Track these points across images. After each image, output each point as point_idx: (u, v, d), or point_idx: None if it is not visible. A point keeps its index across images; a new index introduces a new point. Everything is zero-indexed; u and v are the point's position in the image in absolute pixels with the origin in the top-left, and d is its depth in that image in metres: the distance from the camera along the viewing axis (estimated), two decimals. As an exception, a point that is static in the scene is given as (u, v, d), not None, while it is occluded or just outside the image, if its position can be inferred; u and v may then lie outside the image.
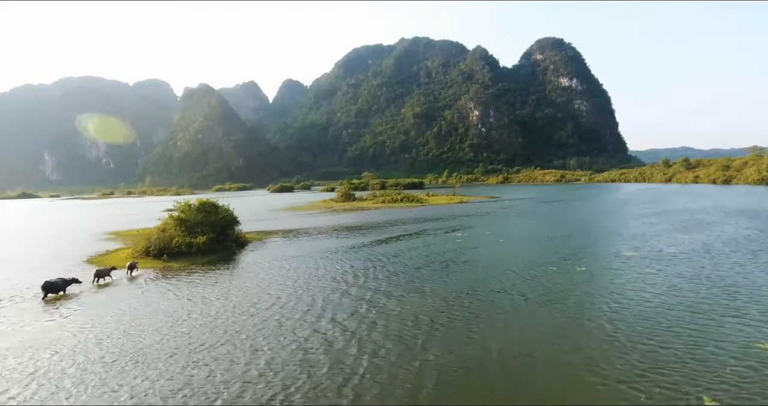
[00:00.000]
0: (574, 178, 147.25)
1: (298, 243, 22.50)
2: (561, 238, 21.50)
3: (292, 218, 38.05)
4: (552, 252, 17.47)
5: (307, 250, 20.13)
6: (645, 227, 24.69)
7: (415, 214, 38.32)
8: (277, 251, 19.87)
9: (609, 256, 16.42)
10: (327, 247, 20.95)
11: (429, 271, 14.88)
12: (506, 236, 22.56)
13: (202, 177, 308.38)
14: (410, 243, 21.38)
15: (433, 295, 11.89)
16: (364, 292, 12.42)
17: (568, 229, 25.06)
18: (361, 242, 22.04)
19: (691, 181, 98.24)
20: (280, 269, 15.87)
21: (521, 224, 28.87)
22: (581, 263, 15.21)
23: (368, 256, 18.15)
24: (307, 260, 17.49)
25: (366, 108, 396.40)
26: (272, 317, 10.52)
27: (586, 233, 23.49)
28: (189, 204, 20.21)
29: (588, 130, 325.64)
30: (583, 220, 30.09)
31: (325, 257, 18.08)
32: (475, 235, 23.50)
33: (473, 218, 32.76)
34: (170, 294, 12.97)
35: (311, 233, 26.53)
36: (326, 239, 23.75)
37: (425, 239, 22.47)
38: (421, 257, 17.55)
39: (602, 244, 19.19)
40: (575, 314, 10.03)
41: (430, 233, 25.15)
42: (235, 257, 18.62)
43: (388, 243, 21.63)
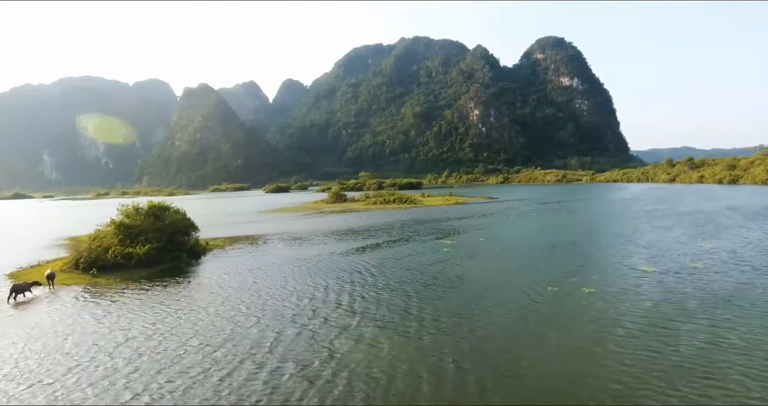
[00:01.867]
0: (576, 178, 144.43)
1: (266, 251, 19.87)
2: (564, 246, 18.83)
3: (275, 221, 35.44)
4: (554, 265, 14.76)
5: (273, 260, 17.50)
6: (659, 232, 21.99)
7: (406, 216, 35.67)
8: (238, 262, 17.23)
9: (622, 271, 13.70)
10: (299, 256, 18.33)
11: (408, 292, 12.25)
12: (502, 244, 19.88)
13: (200, 177, 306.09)
14: (393, 252, 18.74)
15: (411, 330, 9.25)
16: (331, 324, 9.73)
17: (572, 235, 22.38)
18: (338, 250, 19.41)
19: (695, 181, 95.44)
20: (232, 288, 13.23)
21: (519, 228, 26.18)
22: (589, 282, 12.51)
23: (343, 268, 15.52)
24: (269, 274, 14.86)
25: (366, 108, 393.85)
26: (202, 365, 7.74)
27: (592, 239, 20.82)
28: (137, 207, 17.54)
29: (589, 129, 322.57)
30: (588, 224, 27.40)
31: (293, 270, 15.45)
32: (466, 242, 20.83)
33: (467, 221, 30.09)
34: (74, 326, 10.28)
35: (286, 239, 23.90)
36: (300, 246, 21.12)
37: (411, 247, 19.83)
38: (402, 270, 14.91)
39: (612, 254, 16.47)
40: (585, 369, 7.25)
41: (417, 239, 22.51)
42: (184, 271, 15.97)
43: (368, 252, 19.00)
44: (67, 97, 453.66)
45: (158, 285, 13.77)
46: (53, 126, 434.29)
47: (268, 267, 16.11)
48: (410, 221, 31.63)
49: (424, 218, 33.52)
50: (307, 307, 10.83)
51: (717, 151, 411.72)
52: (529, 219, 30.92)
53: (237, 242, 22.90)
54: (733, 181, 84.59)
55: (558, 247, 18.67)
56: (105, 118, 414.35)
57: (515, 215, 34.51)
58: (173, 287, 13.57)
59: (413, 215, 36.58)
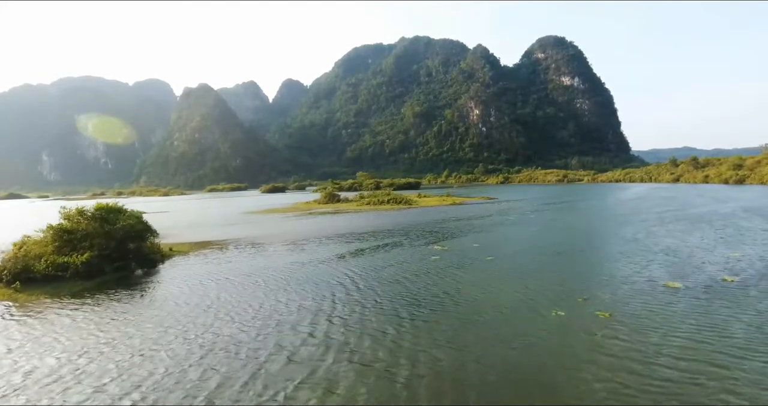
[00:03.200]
0: (577, 178, 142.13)
1: (235, 258, 17.67)
2: (569, 254, 16.59)
3: (259, 223, 33.25)
4: (558, 279, 12.51)
5: (241, 270, 15.32)
6: (675, 236, 19.73)
7: (398, 218, 33.46)
8: (198, 272, 15.04)
9: (641, 287, 11.39)
10: (270, 264, 16.14)
11: (390, 315, 10.05)
12: (497, 251, 17.64)
13: (198, 177, 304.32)
14: (376, 260, 16.55)
15: (397, 372, 7.02)
16: (295, 363, 7.42)
17: (578, 240, 20.13)
18: (314, 258, 17.22)
19: (700, 181, 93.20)
20: (182, 307, 11.04)
21: (518, 232, 23.91)
22: (602, 302, 10.24)
23: (318, 281, 13.34)
24: (231, 289, 12.70)
25: (365, 108, 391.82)
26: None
27: (601, 246, 18.54)
28: (81, 210, 15.35)
29: (590, 129, 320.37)
30: (595, 227, 25.10)
31: (261, 284, 13.28)
32: (458, 248, 18.60)
33: (462, 224, 27.87)
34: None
35: (261, 243, 21.69)
36: (275, 253, 18.92)
37: (397, 254, 17.63)
38: (385, 284, 12.73)
39: (627, 265, 14.20)
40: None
41: (405, 244, 20.31)
42: (132, 283, 13.77)
43: (350, 259, 16.82)
44: (67, 97, 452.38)
45: (91, 303, 11.56)
46: (52, 126, 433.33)
47: (232, 279, 13.94)
48: (402, 223, 29.43)
49: (417, 220, 31.32)
50: (270, 336, 8.64)
51: (718, 151, 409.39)
52: (528, 221, 28.68)
53: (205, 248, 20.70)
54: (739, 181, 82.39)
55: (562, 255, 16.42)
56: (105, 119, 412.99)
57: (514, 216, 32.28)
58: (110, 305, 11.36)
59: (406, 217, 34.39)
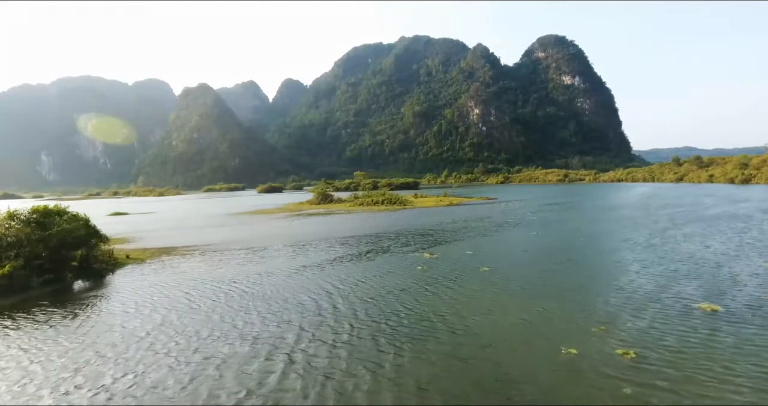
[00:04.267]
0: (578, 177, 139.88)
1: (196, 268, 15.61)
2: (578, 265, 14.48)
3: (242, 225, 31.18)
4: (568, 300, 10.37)
5: (202, 282, 13.27)
6: (694, 242, 17.60)
7: (390, 220, 31.37)
8: (150, 285, 12.99)
9: (671, 312, 9.19)
10: (234, 276, 14.09)
11: (363, 346, 7.99)
12: (494, 260, 15.53)
13: (197, 177, 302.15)
14: (356, 271, 14.48)
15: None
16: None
17: (586, 247, 17.99)
18: (288, 267, 15.16)
19: (705, 181, 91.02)
20: (118, 332, 9.03)
21: (518, 237, 21.76)
22: (624, 334, 8.03)
23: (281, 296, 11.30)
24: (184, 308, 10.72)
25: (365, 107, 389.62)
26: None
27: (613, 254, 16.30)
28: (11, 214, 13.29)
29: (591, 129, 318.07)
30: (603, 231, 22.88)
31: (219, 300, 11.29)
32: (450, 256, 16.50)
33: (458, 227, 25.77)
34: None
35: (233, 249, 19.60)
36: (244, 261, 16.85)
37: (380, 263, 15.55)
38: (360, 302, 10.70)
39: (648, 279, 12.01)
40: None
41: (392, 250, 18.22)
42: (65, 299, 11.70)
43: (326, 270, 14.76)
44: (66, 97, 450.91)
45: (9, 326, 9.50)
46: (52, 126, 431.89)
47: (186, 294, 11.88)
48: (393, 226, 27.35)
49: (410, 222, 29.24)
50: (206, 382, 6.57)
51: (719, 151, 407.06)
52: (529, 224, 26.54)
53: (168, 254, 18.62)
54: (745, 181, 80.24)
55: (569, 265, 14.30)
56: (104, 118, 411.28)
57: (514, 218, 30.16)
58: (22, 331, 9.28)
59: (399, 219, 32.31)
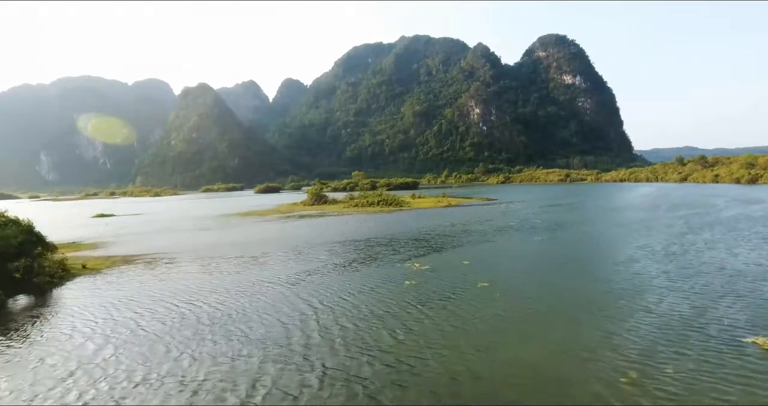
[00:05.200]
0: (580, 177, 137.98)
1: (156, 281, 13.84)
2: (592, 280, 12.55)
3: (227, 229, 29.43)
4: (583, 330, 8.49)
5: (153, 300, 11.52)
6: (719, 250, 15.76)
7: (383, 223, 29.58)
8: (94, 302, 11.24)
9: (720, 350, 7.25)
10: (196, 292, 12.34)
11: (330, 395, 6.15)
12: (494, 273, 13.71)
13: (196, 177, 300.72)
14: (337, 286, 12.70)
15: None
16: None
17: (598, 256, 16.15)
18: (259, 280, 13.40)
19: (710, 181, 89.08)
20: (28, 368, 7.25)
21: (521, 243, 19.91)
22: (665, 389, 6.10)
23: (243, 321, 9.56)
24: (120, 333, 8.95)
25: (365, 107, 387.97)
26: None
27: (631, 266, 14.19)
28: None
29: (592, 128, 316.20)
30: (614, 237, 20.88)
31: (166, 325, 9.48)
32: (444, 267, 14.69)
33: (455, 231, 23.97)
34: None
35: (205, 257, 17.79)
36: (214, 273, 15.08)
37: (364, 277, 13.77)
38: (334, 330, 8.92)
39: (680, 303, 9.92)
40: None
41: (380, 259, 16.44)
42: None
43: (301, 285, 12.99)
44: (66, 97, 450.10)
45: None
46: (51, 126, 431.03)
47: (136, 316, 10.14)
48: (386, 230, 25.56)
49: (404, 226, 27.45)
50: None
51: (720, 151, 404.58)
52: (533, 228, 24.69)
53: (130, 263, 16.84)
54: (752, 181, 78.34)
55: (581, 281, 12.44)
56: (104, 118, 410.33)
57: (516, 221, 28.33)
58: None
59: (394, 221, 30.52)
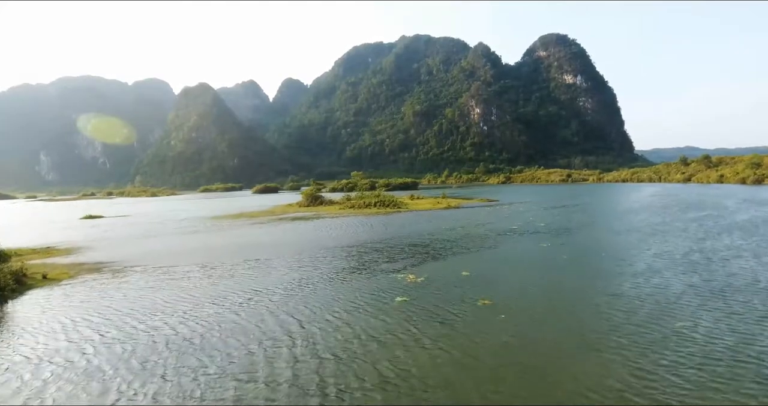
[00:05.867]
0: (582, 177, 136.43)
1: (120, 294, 12.31)
2: (611, 295, 10.87)
3: (214, 232, 27.88)
4: (612, 370, 6.84)
5: (113, 317, 10.01)
6: (747, 261, 14.10)
7: (379, 227, 28.01)
8: (47, 321, 9.72)
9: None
10: (161, 309, 10.82)
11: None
12: (498, 288, 12.11)
13: (195, 177, 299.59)
14: (319, 303, 11.15)
15: None
16: None
17: (613, 266, 14.54)
18: (231, 295, 11.87)
19: (715, 181, 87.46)
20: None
21: (525, 251, 18.29)
22: None
23: (202, 347, 8.06)
24: (67, 360, 7.43)
25: (365, 107, 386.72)
26: None
27: (652, 279, 12.43)
28: None
29: (593, 128, 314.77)
30: (628, 244, 18.84)
31: (118, 351, 7.97)
32: (441, 279, 13.11)
33: (454, 236, 22.40)
34: None
35: (177, 266, 16.25)
36: (182, 286, 13.55)
37: (353, 291, 12.22)
38: (310, 362, 7.38)
39: (722, 330, 7.98)
40: None
41: (370, 269, 14.88)
42: None
43: (279, 300, 11.46)
44: (66, 97, 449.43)
45: None
46: (51, 126, 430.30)
47: (82, 341, 8.67)
48: (381, 233, 24.01)
49: (401, 229, 25.89)
50: None
51: (721, 151, 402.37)
52: (538, 232, 23.09)
53: (100, 272, 15.29)
54: (758, 181, 76.77)
55: (600, 297, 10.78)
56: (104, 118, 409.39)
57: (518, 224, 26.75)
58: None
59: (390, 224, 28.97)
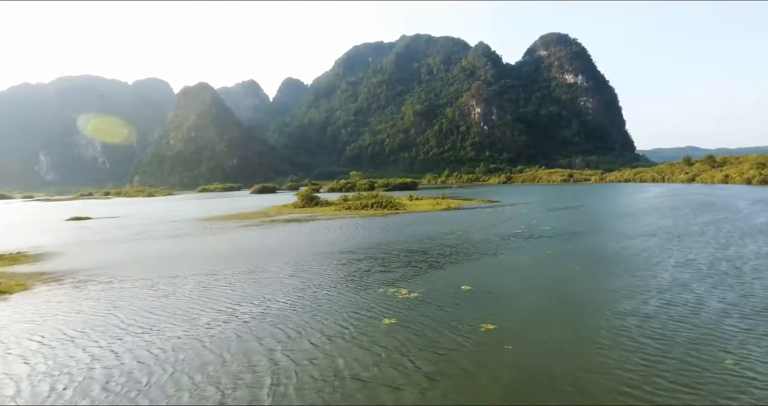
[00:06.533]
0: (583, 177, 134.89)
1: (66, 312, 10.72)
2: (634, 317, 8.98)
3: (198, 237, 26.32)
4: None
5: (41, 344, 8.44)
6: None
7: (375, 230, 26.42)
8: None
9: None
10: (104, 331, 9.25)
11: None
12: (501, 306, 10.43)
13: (194, 177, 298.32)
14: (294, 325, 9.55)
15: None
16: None
17: (632, 280, 12.78)
18: (195, 312, 10.30)
19: (720, 181, 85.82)
20: None
21: (531, 260, 16.53)
22: None
23: (144, 386, 6.47)
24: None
25: (365, 106, 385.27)
26: None
27: (681, 295, 10.59)
28: None
29: (594, 128, 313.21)
30: (645, 251, 16.44)
31: (39, 391, 6.37)
32: (436, 295, 11.46)
33: (452, 241, 20.80)
34: None
35: (142, 279, 14.62)
36: (137, 305, 11.95)
37: (334, 311, 10.60)
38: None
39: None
40: None
41: (357, 282, 13.26)
42: None
43: (247, 322, 9.87)
44: (65, 96, 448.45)
45: None
46: (50, 125, 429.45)
47: (7, 375, 7.04)
48: (376, 238, 22.41)
49: (397, 233, 24.29)
50: None
51: (722, 151, 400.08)
52: (543, 238, 21.44)
53: (58, 282, 13.68)
54: (764, 182, 75.15)
55: (624, 322, 8.87)
56: (104, 118, 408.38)
57: (522, 228, 25.12)
58: None
59: (386, 227, 27.38)
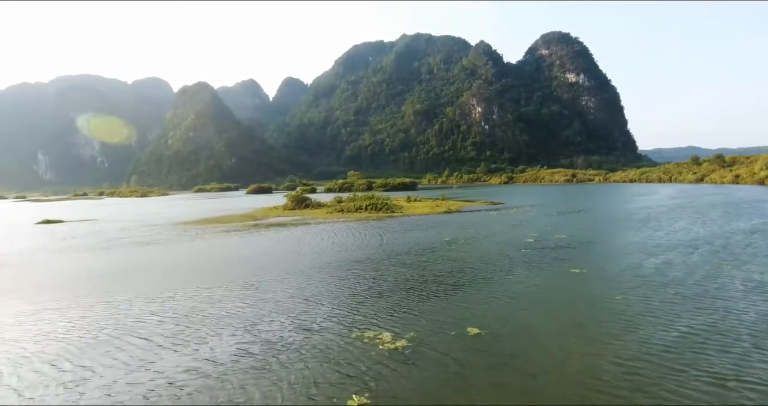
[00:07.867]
0: (587, 178, 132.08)
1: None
2: (732, 389, 6.52)
3: (172, 242, 23.58)
4: None
5: None
6: None
7: (366, 237, 23.66)
8: None
9: None
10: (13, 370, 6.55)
11: None
12: (526, 371, 7.61)
13: (192, 177, 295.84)
14: (236, 393, 6.86)
15: None
16: None
17: (707, 316, 9.77)
18: (128, 356, 7.59)
19: (730, 182, 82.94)
20: None
21: (555, 284, 13.51)
22: None
23: None
24: None
25: (365, 106, 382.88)
26: None
27: (743, 332, 8.40)
28: None
29: (596, 127, 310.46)
30: (692, 270, 13.27)
31: None
32: (433, 345, 8.51)
33: (453, 254, 18.03)
34: None
35: (95, 297, 11.88)
36: (74, 330, 9.22)
37: (300, 367, 7.89)
38: None
39: None
40: None
41: (335, 318, 10.54)
42: None
43: (184, 386, 7.18)
44: (65, 96, 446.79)
45: None
46: (49, 125, 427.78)
47: None
48: (365, 248, 19.67)
49: (391, 241, 21.54)
50: None
51: (723, 150, 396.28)
52: (560, 249, 18.58)
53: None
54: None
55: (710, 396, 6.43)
56: (103, 117, 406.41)
57: (534, 236, 22.29)
58: None
59: (379, 233, 24.63)
